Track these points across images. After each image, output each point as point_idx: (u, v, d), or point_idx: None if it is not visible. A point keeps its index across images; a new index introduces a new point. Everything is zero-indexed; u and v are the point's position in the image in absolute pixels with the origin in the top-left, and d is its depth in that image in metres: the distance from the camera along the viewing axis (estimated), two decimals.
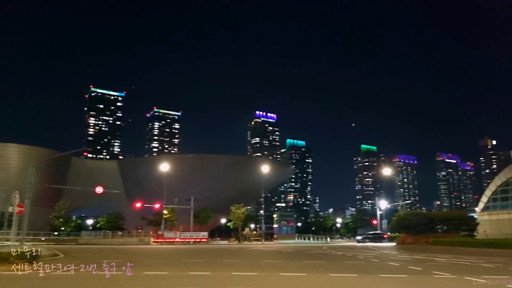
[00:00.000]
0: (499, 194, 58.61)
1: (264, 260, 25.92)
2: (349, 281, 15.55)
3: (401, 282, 15.40)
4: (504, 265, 21.80)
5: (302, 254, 33.40)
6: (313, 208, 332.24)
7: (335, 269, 19.90)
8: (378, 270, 19.57)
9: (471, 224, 56.12)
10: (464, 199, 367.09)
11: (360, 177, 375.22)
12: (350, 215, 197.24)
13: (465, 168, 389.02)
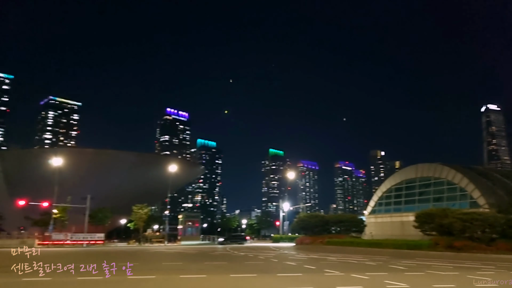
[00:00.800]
0: (384, 199, 66.08)
1: (164, 263, 24.99)
2: (248, 281, 15.74)
3: (296, 280, 16.11)
4: (384, 262, 24.41)
5: (205, 255, 33.10)
6: (220, 209, 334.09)
7: (236, 270, 20.05)
8: (276, 270, 20.27)
9: (360, 226, 62.07)
10: (356, 203, 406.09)
11: (267, 180, 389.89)
12: (255, 216, 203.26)
13: (358, 175, 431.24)
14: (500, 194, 50.83)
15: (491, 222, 36.00)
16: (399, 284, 14.38)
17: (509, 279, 16.95)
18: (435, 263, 24.40)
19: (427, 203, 54.77)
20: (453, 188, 53.73)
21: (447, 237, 38.26)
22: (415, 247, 38.48)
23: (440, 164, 57.90)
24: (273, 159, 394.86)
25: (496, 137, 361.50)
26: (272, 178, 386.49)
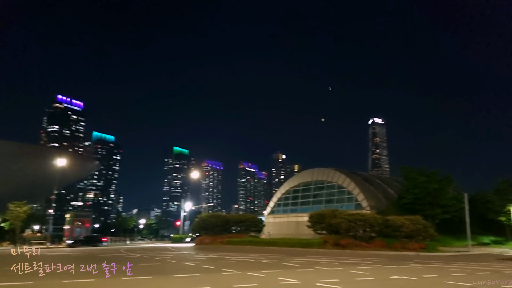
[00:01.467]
0: (282, 200, 69.74)
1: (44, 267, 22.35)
2: (142, 284, 14.98)
3: (194, 281, 15.89)
4: (279, 260, 25.64)
5: (94, 258, 30.59)
6: (115, 208, 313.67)
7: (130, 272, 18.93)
8: (173, 271, 19.74)
9: (259, 226, 64.35)
10: (257, 204, 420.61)
11: (170, 179, 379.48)
12: (155, 216, 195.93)
13: (260, 177, 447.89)
14: (379, 198, 57.75)
15: (371, 222, 40.59)
16: (291, 281, 15.19)
17: (383, 272, 19.26)
18: (324, 259, 26.50)
19: (320, 205, 59.38)
20: (342, 191, 59.22)
21: (335, 236, 41.97)
22: (307, 245, 41.36)
23: (333, 169, 63.37)
24: (178, 158, 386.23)
25: (379, 147, 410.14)
26: (175, 177, 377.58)
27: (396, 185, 64.19)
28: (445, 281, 15.86)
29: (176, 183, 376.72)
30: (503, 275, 18.48)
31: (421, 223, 38.90)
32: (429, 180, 49.12)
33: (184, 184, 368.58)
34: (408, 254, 34.06)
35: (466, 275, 18.21)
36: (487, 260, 28.37)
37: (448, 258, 29.68)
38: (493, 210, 52.63)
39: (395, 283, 15.20)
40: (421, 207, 47.91)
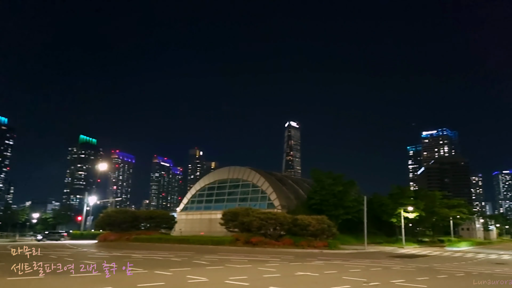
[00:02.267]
0: (196, 197, 68.87)
1: None
2: (31, 285, 13.38)
3: (93, 280, 14.71)
4: (189, 258, 25.18)
5: None
6: (4, 199, 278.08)
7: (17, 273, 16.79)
8: (70, 270, 18.02)
9: (171, 223, 62.61)
10: (170, 200, 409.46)
11: (73, 169, 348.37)
12: (52, 210, 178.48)
13: (175, 172, 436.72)
14: (291, 198, 60.50)
15: (282, 221, 42.25)
16: (199, 279, 14.96)
17: (289, 269, 20.09)
18: (234, 257, 26.75)
19: (234, 203, 60.00)
20: (256, 190, 60.70)
21: (246, 234, 42.73)
22: (219, 243, 41.42)
23: (249, 168, 64.61)
24: (83, 147, 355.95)
25: (293, 149, 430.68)
26: (80, 168, 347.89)
27: (307, 187, 67.99)
28: (343, 276, 17.12)
29: (80, 174, 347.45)
30: (391, 271, 20.65)
31: (326, 223, 41.67)
32: (335, 183, 52.95)
33: (89, 176, 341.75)
34: (312, 251, 36.18)
35: (361, 271, 19.92)
36: (379, 257, 31.51)
37: (347, 256, 32.25)
38: (386, 212, 58.85)
39: (299, 279, 15.94)
40: (327, 207, 51.41)
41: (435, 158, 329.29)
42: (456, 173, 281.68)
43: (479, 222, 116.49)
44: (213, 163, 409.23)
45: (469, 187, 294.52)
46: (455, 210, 76.35)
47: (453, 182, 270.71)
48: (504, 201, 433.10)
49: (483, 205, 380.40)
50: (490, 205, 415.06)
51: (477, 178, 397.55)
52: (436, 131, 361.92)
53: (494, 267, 25.26)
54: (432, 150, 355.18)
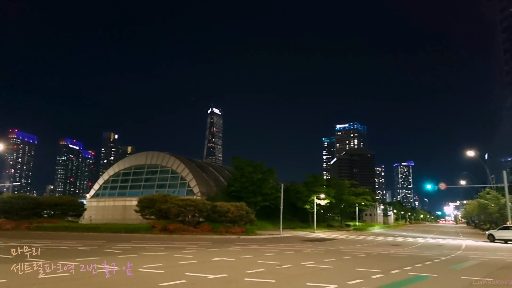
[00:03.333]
0: (110, 183, 64.95)
1: None
2: None
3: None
4: (100, 247, 23.72)
5: None
6: None
7: None
8: None
9: (80, 210, 58.41)
10: (80, 186, 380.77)
11: None
12: None
13: (86, 156, 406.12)
14: (211, 185, 60.44)
15: (200, 208, 42.09)
16: (107, 267, 14.19)
17: (206, 255, 20.11)
18: (150, 245, 25.93)
19: (151, 189, 58.01)
20: (176, 177, 59.38)
21: (163, 221, 41.73)
22: (134, 231, 39.78)
23: (168, 154, 62.83)
24: None
25: (215, 136, 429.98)
26: None
27: (227, 174, 68.52)
28: (258, 260, 17.70)
29: None
30: (302, 254, 21.95)
31: (244, 209, 42.60)
32: (255, 170, 54.24)
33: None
34: (230, 237, 36.76)
35: (275, 254, 20.82)
36: (293, 241, 33.26)
37: (264, 241, 33.42)
38: (301, 199, 62.19)
39: (216, 265, 16.06)
40: (246, 194, 52.54)
41: (346, 149, 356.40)
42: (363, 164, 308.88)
43: (380, 209, 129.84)
44: (130, 148, 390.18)
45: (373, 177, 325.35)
46: (360, 198, 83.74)
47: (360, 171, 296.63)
48: (401, 190, 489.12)
49: (384, 193, 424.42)
50: (390, 193, 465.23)
51: (380, 169, 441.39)
52: (348, 124, 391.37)
53: (390, 248, 28.34)
54: (344, 142, 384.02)
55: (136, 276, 12.64)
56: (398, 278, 13.56)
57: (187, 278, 12.28)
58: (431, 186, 64.18)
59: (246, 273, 13.71)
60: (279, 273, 13.99)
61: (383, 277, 13.57)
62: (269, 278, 12.65)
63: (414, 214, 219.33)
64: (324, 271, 14.77)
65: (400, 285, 12.28)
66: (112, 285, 11.10)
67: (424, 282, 12.97)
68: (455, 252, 26.11)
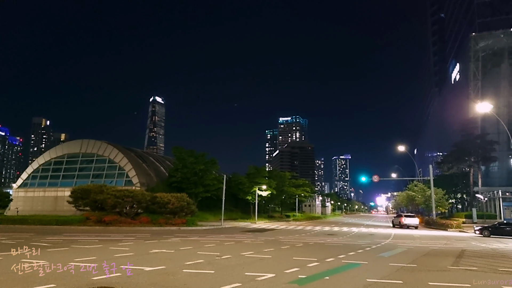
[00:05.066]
0: (40, 172, 60.34)
1: None
2: None
3: None
4: (27, 240, 22.09)
5: None
6: None
7: None
8: None
9: (5, 200, 53.99)
10: (5, 175, 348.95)
11: None
12: None
13: (13, 143, 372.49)
14: (151, 175, 58.74)
15: (139, 199, 40.80)
16: (36, 262, 13.30)
17: (144, 247, 19.61)
18: (83, 237, 24.67)
19: (86, 179, 55.01)
20: (113, 167, 56.82)
21: (99, 212, 39.86)
22: (66, 223, 37.57)
23: (105, 143, 59.83)
24: None
25: (157, 126, 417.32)
26: None
27: (168, 164, 66.99)
28: (198, 252, 17.67)
29: None
30: (243, 244, 22.30)
31: (185, 200, 42.05)
32: (197, 161, 53.72)
33: None
34: (170, 229, 36.16)
35: (216, 245, 20.92)
36: (234, 232, 33.61)
37: (204, 232, 33.36)
38: (243, 190, 62.86)
39: (154, 257, 15.75)
40: (187, 185, 51.92)
41: (288, 142, 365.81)
42: (304, 156, 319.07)
43: (318, 200, 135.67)
44: (63, 135, 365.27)
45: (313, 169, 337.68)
46: (300, 189, 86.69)
47: (301, 164, 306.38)
48: (339, 182, 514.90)
49: (323, 185, 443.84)
50: (328, 185, 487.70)
51: (320, 161, 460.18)
52: (290, 118, 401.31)
53: (326, 238, 29.82)
54: (286, 135, 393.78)
55: (67, 270, 11.99)
56: (332, 266, 14.37)
57: (123, 271, 11.91)
58: (365, 178, 68.48)
59: (185, 264, 13.64)
60: (218, 263, 14.11)
61: (318, 265, 14.30)
62: (208, 269, 12.72)
63: (349, 205, 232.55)
64: (262, 261, 15.17)
65: (334, 272, 13.03)
66: (41, 278, 10.42)
67: (356, 269, 13.86)
68: (385, 240, 28.22)
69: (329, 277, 12.06)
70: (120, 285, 9.88)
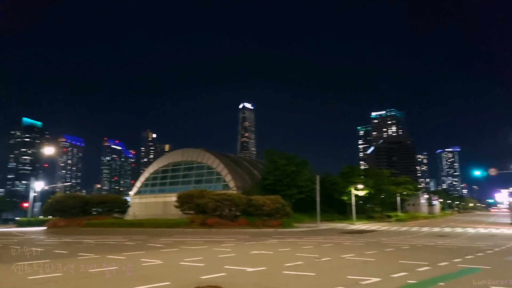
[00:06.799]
0: (150, 180, 67.26)
1: None
2: None
3: (42, 268, 13.90)
4: (143, 242, 24.66)
5: None
6: None
7: None
8: (17, 258, 16.95)
9: (124, 207, 60.92)
10: (123, 184, 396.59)
11: (17, 154, 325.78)
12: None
13: (128, 155, 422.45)
14: (246, 179, 60.91)
15: (236, 202, 42.53)
16: (154, 261, 14.70)
17: (245, 248, 20.32)
18: (190, 239, 26.61)
19: (189, 185, 59.37)
20: (211, 172, 60.36)
21: (202, 215, 42.62)
22: (174, 225, 40.99)
23: (203, 150, 63.92)
24: (28, 130, 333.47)
25: (248, 131, 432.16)
26: (24, 152, 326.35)
27: (261, 167, 68.70)
28: (296, 253, 17.63)
29: (25, 159, 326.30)
30: (342, 246, 21.60)
31: (280, 202, 42.55)
32: (289, 163, 53.97)
33: (35, 161, 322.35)
34: (267, 230, 36.92)
35: (314, 247, 20.65)
36: (331, 234, 32.86)
37: (301, 233, 33.28)
38: (338, 190, 61.21)
39: (254, 258, 16.17)
40: (280, 187, 52.43)
41: (383, 137, 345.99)
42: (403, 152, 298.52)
43: (423, 198, 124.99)
44: (167, 146, 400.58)
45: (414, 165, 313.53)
46: (401, 187, 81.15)
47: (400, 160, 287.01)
48: (447, 178, 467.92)
49: (427, 182, 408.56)
50: (434, 181, 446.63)
51: (422, 156, 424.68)
52: (384, 111, 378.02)
53: (437, 239, 27.27)
54: (381, 130, 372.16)
55: (178, 269, 13.02)
56: (446, 270, 12.99)
57: (227, 271, 12.46)
58: (480, 172, 60.80)
59: (284, 266, 13.70)
60: (318, 266, 13.86)
61: (429, 269, 13.06)
62: (308, 271, 12.56)
63: (462, 203, 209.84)
64: (366, 264, 14.45)
65: (449, 278, 11.75)
66: (157, 276, 11.48)
67: (476, 275, 12.27)
68: (511, 242, 24.69)
69: (444, 283, 10.90)
70: (225, 284, 10.33)
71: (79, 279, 11.42)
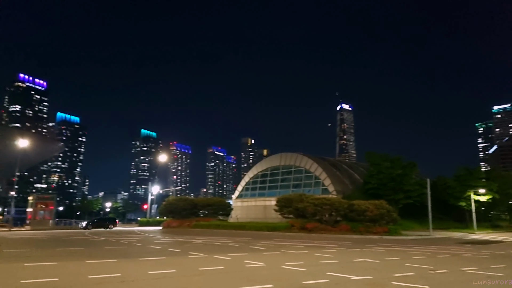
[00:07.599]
0: (250, 184, 69.80)
1: (5, 250, 21.16)
2: (106, 267, 14.35)
3: (159, 264, 15.42)
4: (246, 244, 25.60)
5: (58, 241, 29.38)
6: (81, 191, 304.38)
7: (94, 255, 18.20)
8: (139, 254, 19.17)
9: (227, 209, 64.29)
10: (226, 188, 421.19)
11: (137, 162, 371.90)
12: (121, 199, 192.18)
13: (229, 161, 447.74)
14: (346, 183, 58.97)
15: (337, 206, 41.36)
16: (257, 263, 15.08)
17: (347, 255, 19.56)
18: (290, 243, 26.72)
19: (287, 189, 59.87)
20: (309, 176, 59.93)
21: (301, 220, 42.52)
22: (274, 229, 41.68)
23: (301, 154, 63.91)
24: (145, 140, 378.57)
25: (346, 133, 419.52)
26: (143, 160, 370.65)
27: (362, 171, 65.78)
28: (406, 263, 16.27)
29: (144, 166, 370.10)
30: (461, 258, 19.25)
31: (385, 208, 40.01)
32: (393, 165, 50.55)
33: (151, 167, 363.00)
34: (372, 237, 35.04)
35: (427, 257, 18.81)
36: (447, 243, 29.64)
37: (410, 242, 30.77)
38: (453, 195, 55.08)
39: (358, 266, 15.42)
40: (384, 192, 49.34)
41: (509, 134, 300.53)
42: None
43: None
44: (265, 151, 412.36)
45: None
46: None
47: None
48: None
49: None
50: None
51: None
52: (509, 104, 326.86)
53: None
54: (506, 126, 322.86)
55: (280, 273, 13.11)
56: None
57: (329, 277, 12.09)
58: None
59: (393, 276, 12.74)
60: (433, 278, 12.55)
61: None
62: (421, 284, 11.44)
63: None
64: (491, 279, 12.61)
65: None
66: (260, 278, 11.73)
67: None
68: None
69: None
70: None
71: (190, 277, 12.29)
